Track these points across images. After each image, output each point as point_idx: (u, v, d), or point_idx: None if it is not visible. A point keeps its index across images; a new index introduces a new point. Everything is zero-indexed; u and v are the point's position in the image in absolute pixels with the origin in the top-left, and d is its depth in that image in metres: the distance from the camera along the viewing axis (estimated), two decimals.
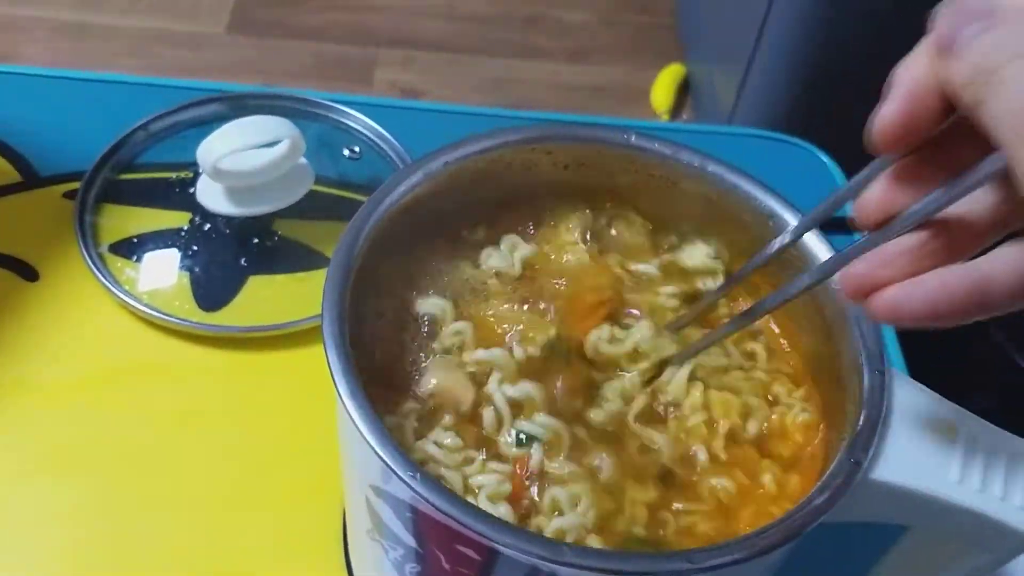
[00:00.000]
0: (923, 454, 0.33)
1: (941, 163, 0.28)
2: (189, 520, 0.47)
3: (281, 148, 0.56)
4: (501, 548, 0.29)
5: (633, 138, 0.41)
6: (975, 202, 0.28)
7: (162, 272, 0.56)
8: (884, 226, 0.29)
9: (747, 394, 0.38)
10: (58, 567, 0.46)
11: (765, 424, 0.37)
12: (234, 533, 0.47)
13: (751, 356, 0.39)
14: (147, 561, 0.46)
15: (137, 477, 0.49)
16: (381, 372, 0.37)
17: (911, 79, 0.26)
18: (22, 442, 0.50)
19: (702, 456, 0.36)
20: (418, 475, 0.30)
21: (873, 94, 0.29)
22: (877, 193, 0.29)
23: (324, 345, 0.33)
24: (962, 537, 0.34)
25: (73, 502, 0.48)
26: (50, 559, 0.46)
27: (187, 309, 0.54)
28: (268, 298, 0.55)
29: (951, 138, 0.28)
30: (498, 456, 0.35)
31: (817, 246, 0.38)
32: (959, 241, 0.28)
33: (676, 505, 0.35)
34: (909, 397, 0.34)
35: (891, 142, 0.27)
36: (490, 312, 0.38)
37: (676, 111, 1.65)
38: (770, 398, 0.38)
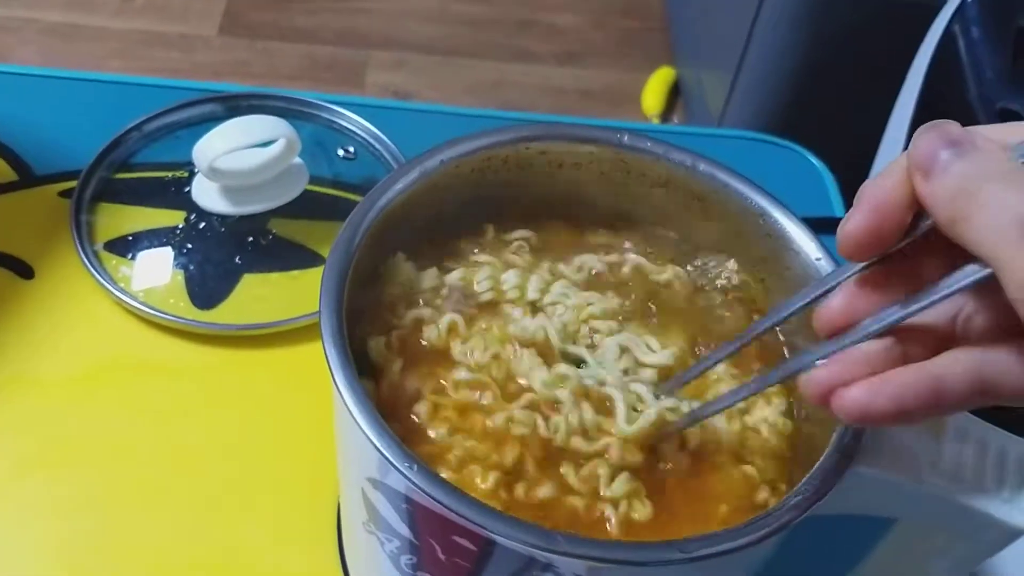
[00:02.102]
0: (911, 447, 0.33)
1: (903, 274, 0.30)
2: (183, 516, 0.48)
3: (276, 148, 0.56)
4: (497, 538, 0.30)
5: (626, 138, 0.41)
6: (939, 312, 0.30)
7: (157, 270, 0.56)
8: (843, 333, 0.30)
9: None
10: (53, 562, 0.46)
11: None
12: (228, 528, 0.47)
13: None
14: (141, 555, 0.46)
15: (131, 473, 0.49)
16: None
17: (878, 194, 0.29)
18: (18, 438, 0.50)
19: None
20: (415, 466, 0.30)
21: (860, 97, 0.29)
22: (840, 302, 0.31)
23: (322, 339, 0.33)
24: (950, 529, 0.35)
25: (68, 499, 0.48)
26: (45, 554, 0.46)
27: (182, 307, 0.55)
28: (262, 296, 0.56)
29: (915, 252, 0.30)
30: None
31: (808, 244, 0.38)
32: (919, 348, 0.30)
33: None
34: None
35: (856, 251, 0.29)
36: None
37: (666, 114, 1.65)
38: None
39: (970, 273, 0.27)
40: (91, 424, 0.51)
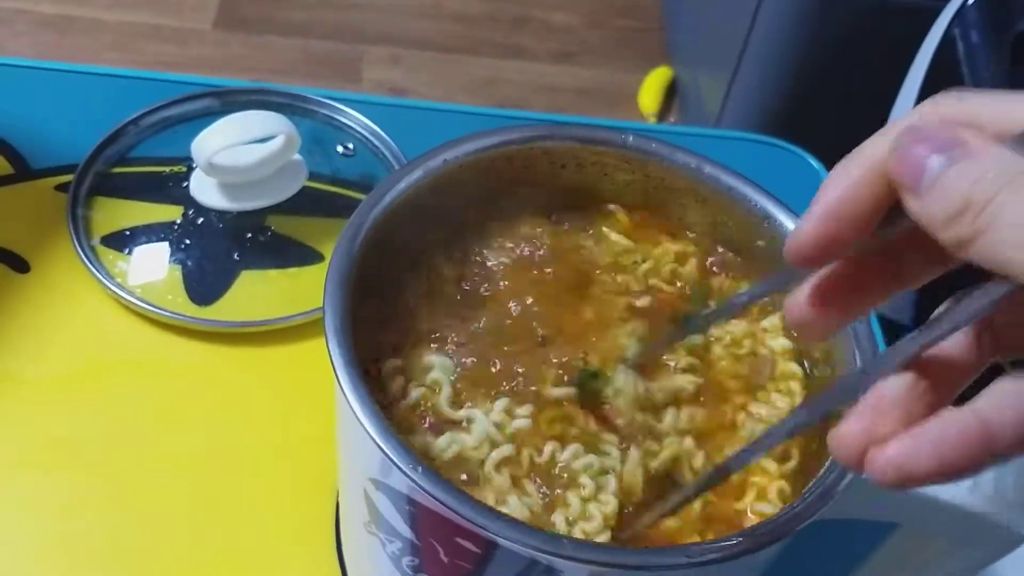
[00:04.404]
0: None
1: (877, 271, 0.27)
2: (179, 514, 0.48)
3: (276, 144, 0.56)
4: (500, 541, 0.30)
5: (631, 139, 0.41)
6: (958, 337, 0.26)
7: (154, 265, 0.56)
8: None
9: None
10: (48, 561, 0.46)
11: None
12: (225, 527, 0.47)
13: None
14: (137, 555, 0.46)
15: (127, 470, 0.49)
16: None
17: (834, 198, 0.25)
18: (12, 435, 0.49)
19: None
20: (420, 468, 0.30)
21: (858, 98, 0.29)
22: (807, 295, 0.28)
23: (326, 338, 0.33)
24: (951, 534, 0.35)
25: (63, 495, 0.48)
26: (40, 553, 0.46)
27: (179, 303, 0.54)
28: (260, 293, 0.55)
29: (891, 248, 0.27)
30: None
31: None
32: (947, 378, 0.26)
33: None
34: None
35: (801, 261, 0.26)
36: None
37: (663, 114, 1.65)
38: None
39: (993, 293, 0.23)
40: (86, 421, 0.50)
